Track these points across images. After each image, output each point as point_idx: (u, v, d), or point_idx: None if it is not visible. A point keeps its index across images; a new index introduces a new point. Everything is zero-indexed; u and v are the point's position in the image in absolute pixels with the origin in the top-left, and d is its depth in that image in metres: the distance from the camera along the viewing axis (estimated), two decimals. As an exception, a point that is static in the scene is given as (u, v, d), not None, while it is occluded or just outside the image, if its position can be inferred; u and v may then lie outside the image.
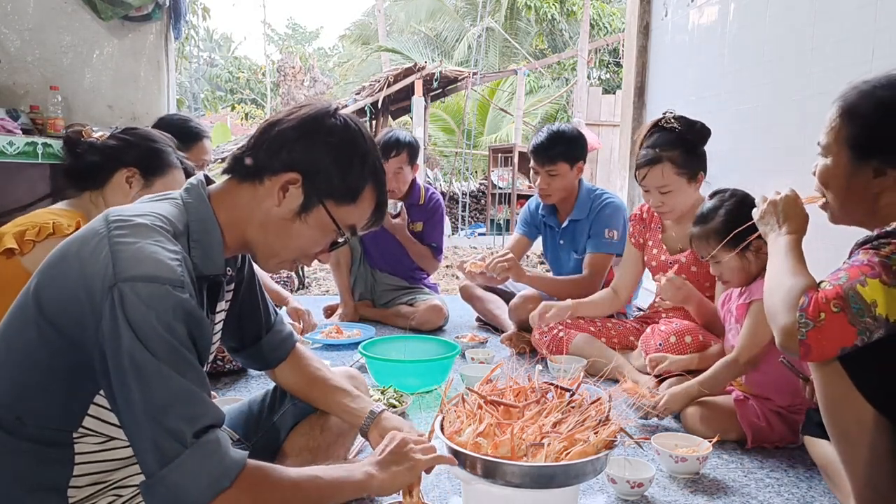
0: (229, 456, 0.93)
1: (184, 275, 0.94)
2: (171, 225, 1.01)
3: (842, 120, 1.38)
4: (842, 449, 1.35)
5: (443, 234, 3.60)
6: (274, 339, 1.40)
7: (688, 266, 2.48)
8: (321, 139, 1.08)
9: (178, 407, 0.89)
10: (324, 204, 1.10)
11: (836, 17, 2.55)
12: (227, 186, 1.12)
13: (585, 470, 1.20)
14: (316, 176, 1.08)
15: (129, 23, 3.82)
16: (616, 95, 10.84)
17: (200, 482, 0.89)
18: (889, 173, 1.33)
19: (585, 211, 3.01)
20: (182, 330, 0.91)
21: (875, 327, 1.21)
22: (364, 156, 1.12)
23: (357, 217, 1.15)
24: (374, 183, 1.14)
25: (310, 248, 1.14)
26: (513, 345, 2.94)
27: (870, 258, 1.24)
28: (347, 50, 24.26)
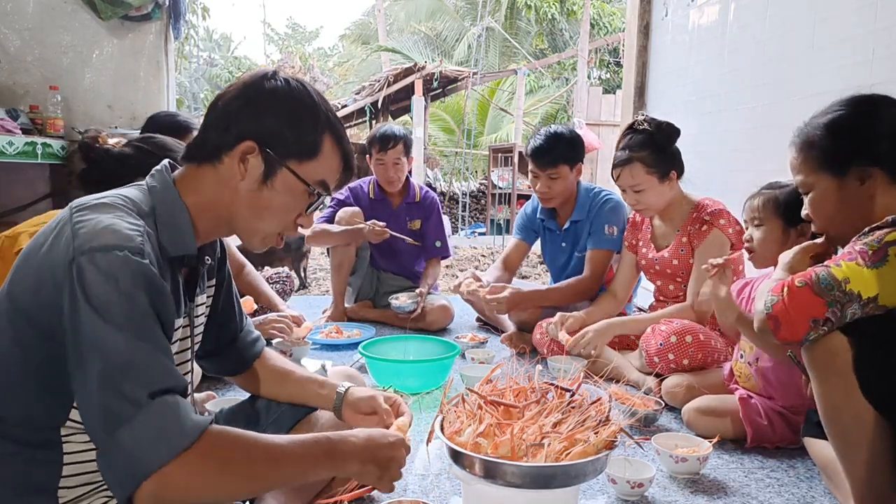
0: (190, 417, 0.88)
1: (144, 244, 0.92)
2: (134, 205, 1.00)
3: (803, 153, 1.48)
4: (840, 449, 1.36)
5: (444, 230, 3.60)
6: (247, 338, 1.39)
7: (669, 260, 2.55)
8: (266, 102, 1.07)
9: (134, 371, 0.85)
10: (286, 165, 1.07)
11: (836, 17, 2.55)
12: (187, 172, 1.10)
13: (586, 470, 1.20)
14: (270, 139, 1.06)
15: (128, 22, 3.82)
16: (616, 95, 10.84)
17: (157, 443, 0.84)
18: (873, 172, 1.38)
19: (585, 211, 3.00)
20: (143, 298, 0.89)
21: (845, 300, 1.24)
22: (313, 109, 1.10)
23: (324, 171, 1.12)
24: (331, 134, 1.11)
25: (286, 214, 1.12)
26: (513, 345, 2.94)
27: (851, 247, 1.29)
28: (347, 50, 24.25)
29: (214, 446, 0.89)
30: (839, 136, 1.43)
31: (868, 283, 1.24)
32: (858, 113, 1.44)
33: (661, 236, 2.63)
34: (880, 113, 1.43)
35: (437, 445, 1.30)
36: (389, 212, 3.43)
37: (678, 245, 2.52)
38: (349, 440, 1.05)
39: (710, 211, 2.43)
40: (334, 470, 1.07)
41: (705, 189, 2.62)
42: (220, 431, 0.92)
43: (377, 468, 1.07)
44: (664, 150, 2.45)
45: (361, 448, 1.06)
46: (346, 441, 1.05)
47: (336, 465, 1.03)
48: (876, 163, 1.39)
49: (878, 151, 1.39)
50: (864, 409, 1.27)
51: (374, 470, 1.07)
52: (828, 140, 1.44)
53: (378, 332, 3.15)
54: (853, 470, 1.33)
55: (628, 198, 2.53)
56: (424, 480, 1.67)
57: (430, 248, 3.53)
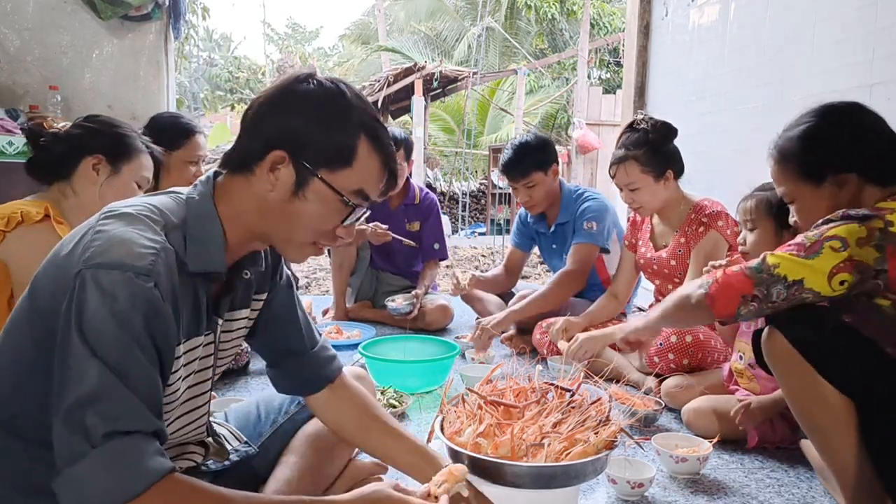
0: (145, 464, 0.83)
1: (155, 264, 0.89)
2: (162, 216, 0.97)
3: (781, 165, 1.54)
4: (816, 440, 1.39)
5: (443, 232, 3.61)
6: (313, 359, 1.30)
7: (668, 260, 2.55)
8: (296, 107, 1.00)
9: (100, 404, 0.81)
10: (317, 175, 1.00)
11: (836, 17, 2.55)
12: (224, 181, 1.06)
13: (586, 470, 1.20)
14: (301, 148, 0.99)
15: (128, 22, 3.81)
16: (616, 95, 10.85)
17: (106, 485, 0.80)
18: (849, 178, 1.44)
19: (569, 212, 3.02)
20: (139, 322, 0.86)
21: (771, 282, 1.34)
22: (346, 112, 1.01)
23: (361, 180, 1.03)
24: (368, 137, 1.02)
25: (321, 225, 1.04)
26: (513, 345, 2.94)
27: (794, 241, 1.38)
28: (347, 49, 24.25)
29: (166, 498, 0.84)
30: (812, 146, 1.49)
31: (796, 269, 1.33)
32: (828, 123, 1.49)
33: (660, 236, 2.64)
34: (848, 121, 1.49)
35: (437, 445, 1.30)
36: (388, 213, 3.43)
37: (676, 245, 2.52)
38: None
39: (709, 212, 2.43)
40: None
41: (705, 189, 2.62)
42: (177, 483, 0.86)
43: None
44: (660, 149, 2.45)
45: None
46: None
47: None
48: (850, 168, 1.44)
49: (850, 157, 1.45)
50: (830, 392, 1.31)
51: None
52: (802, 151, 1.50)
53: (378, 332, 3.15)
54: (833, 459, 1.36)
55: (625, 196, 2.54)
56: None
57: (428, 250, 3.53)
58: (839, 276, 1.30)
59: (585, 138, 10.52)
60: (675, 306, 1.56)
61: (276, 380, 1.35)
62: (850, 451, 1.31)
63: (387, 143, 1.06)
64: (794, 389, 1.38)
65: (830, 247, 1.31)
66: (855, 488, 1.33)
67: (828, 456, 1.38)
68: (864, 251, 1.29)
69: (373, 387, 1.58)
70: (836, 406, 1.31)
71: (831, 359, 1.32)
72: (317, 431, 1.40)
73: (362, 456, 1.68)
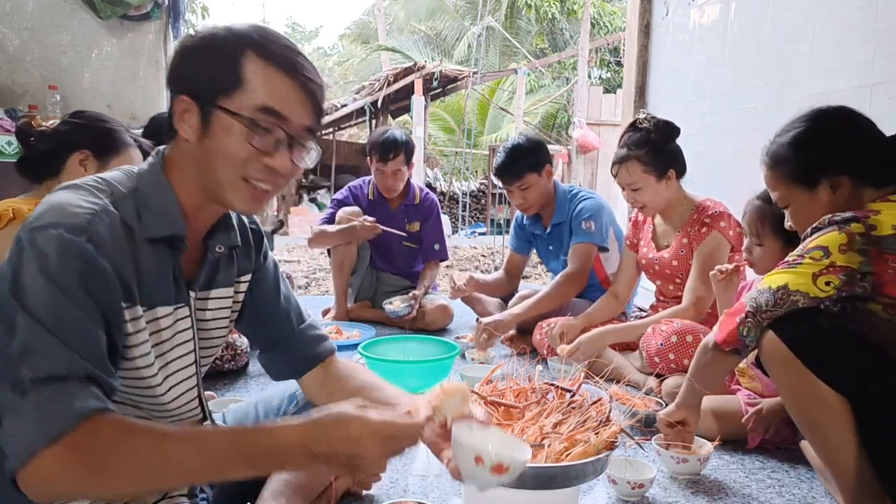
0: (72, 405, 0.81)
1: (91, 223, 0.89)
2: (108, 186, 0.98)
3: (774, 170, 1.56)
4: (814, 439, 1.40)
5: (443, 233, 3.60)
6: (301, 338, 1.29)
7: (669, 260, 2.54)
8: (184, 56, 1.02)
9: (30, 356, 0.81)
10: (214, 105, 0.97)
11: (836, 17, 2.55)
12: (166, 153, 1.07)
13: (586, 471, 1.20)
14: (193, 85, 0.99)
15: (128, 22, 3.82)
16: (616, 95, 10.85)
17: (34, 430, 0.79)
18: (842, 181, 1.46)
19: (565, 212, 3.02)
20: (70, 277, 0.85)
21: (757, 295, 1.39)
22: (224, 37, 1.00)
23: (262, 97, 0.97)
24: (255, 52, 0.98)
25: (235, 155, 0.99)
26: (513, 345, 2.94)
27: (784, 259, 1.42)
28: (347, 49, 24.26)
29: (94, 437, 0.81)
30: (804, 151, 1.50)
31: (778, 277, 1.38)
32: (818, 127, 1.51)
33: (662, 236, 2.63)
34: (838, 124, 1.50)
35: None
36: (388, 213, 3.43)
37: (678, 246, 2.51)
38: (280, 433, 0.84)
39: (711, 213, 2.42)
40: (262, 469, 0.87)
41: (706, 189, 2.61)
42: (108, 421, 0.83)
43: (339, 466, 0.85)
44: (661, 148, 2.45)
45: (298, 442, 0.83)
46: (275, 435, 0.84)
47: (260, 465, 0.85)
48: (842, 171, 1.45)
49: (841, 161, 1.46)
50: (826, 392, 1.31)
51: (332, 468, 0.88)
52: (795, 156, 1.51)
53: (378, 332, 3.15)
54: (832, 459, 1.36)
55: (627, 196, 2.53)
56: (424, 480, 1.67)
57: (428, 251, 3.53)
58: (823, 277, 1.32)
59: (586, 138, 10.53)
60: (695, 363, 1.59)
61: (269, 365, 1.34)
62: (849, 450, 1.31)
63: (286, 56, 1.00)
64: (790, 389, 1.38)
65: (811, 257, 1.35)
66: (854, 488, 1.32)
67: (826, 456, 1.38)
68: (848, 256, 1.31)
69: None
70: (833, 405, 1.31)
71: (826, 359, 1.32)
72: None
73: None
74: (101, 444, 0.81)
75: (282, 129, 1.00)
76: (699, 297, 2.38)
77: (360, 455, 0.83)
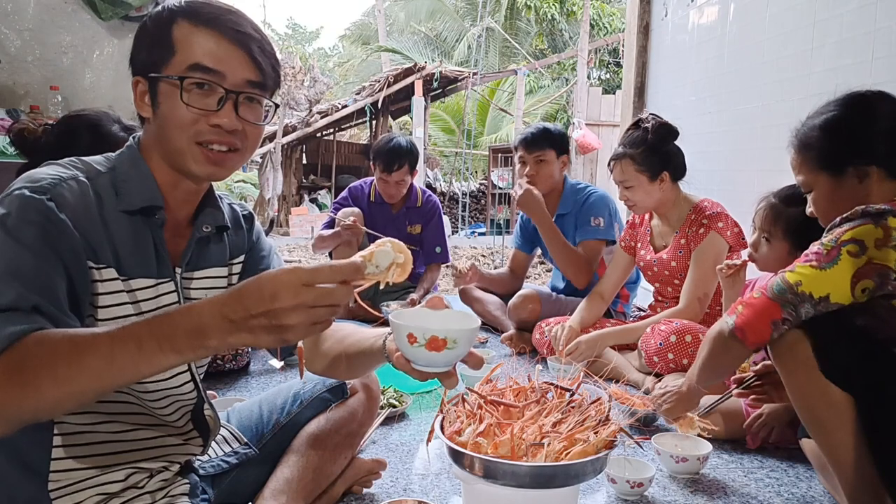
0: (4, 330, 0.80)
1: (55, 186, 0.92)
2: (83, 164, 1.02)
3: (801, 154, 1.51)
4: (819, 437, 1.39)
5: (445, 235, 3.61)
6: None
7: (668, 261, 2.55)
8: (133, 41, 1.06)
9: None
10: (156, 76, 1.01)
11: (835, 18, 2.55)
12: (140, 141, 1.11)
13: (585, 470, 1.20)
14: (140, 64, 1.04)
15: (129, 23, 3.81)
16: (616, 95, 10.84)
17: None
18: (870, 171, 1.41)
19: (570, 205, 3.06)
20: (29, 229, 0.88)
21: (798, 301, 1.32)
22: (157, 12, 1.03)
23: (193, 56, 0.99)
24: (184, 19, 1.00)
25: (182, 119, 1.00)
26: (513, 345, 2.94)
27: (810, 249, 1.35)
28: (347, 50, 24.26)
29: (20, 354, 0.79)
30: (834, 136, 1.44)
31: (819, 284, 1.30)
32: (852, 113, 1.45)
33: (659, 237, 2.63)
34: (874, 111, 1.44)
35: (437, 445, 1.30)
36: (389, 216, 3.43)
37: (676, 247, 2.51)
38: (196, 307, 0.77)
39: (709, 214, 2.43)
40: (188, 352, 0.77)
41: (705, 189, 2.62)
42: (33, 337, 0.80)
43: (261, 331, 0.75)
44: (657, 150, 2.45)
45: (215, 312, 0.75)
46: (191, 310, 0.76)
47: (184, 347, 0.76)
48: (872, 161, 1.40)
49: (873, 150, 1.41)
50: (833, 388, 1.31)
51: (255, 337, 0.76)
52: (824, 141, 1.46)
53: (378, 332, 3.15)
54: (834, 455, 1.36)
55: (619, 193, 2.55)
56: (424, 480, 1.68)
57: (430, 254, 3.52)
58: (861, 283, 1.27)
59: (585, 138, 10.53)
60: (709, 350, 1.52)
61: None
62: (852, 447, 1.31)
63: (212, 13, 1.01)
64: (797, 384, 1.38)
65: (848, 251, 1.28)
66: (855, 485, 1.33)
67: (828, 452, 1.37)
68: (883, 253, 1.26)
69: (377, 384, 1.58)
70: (839, 402, 1.31)
71: (833, 356, 1.32)
72: (319, 431, 1.40)
73: (363, 454, 1.69)
74: (27, 355, 0.79)
75: (218, 85, 1.00)
76: (697, 298, 2.38)
77: (276, 311, 0.73)
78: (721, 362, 1.53)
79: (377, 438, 1.93)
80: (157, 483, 1.08)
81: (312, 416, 1.41)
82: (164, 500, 1.07)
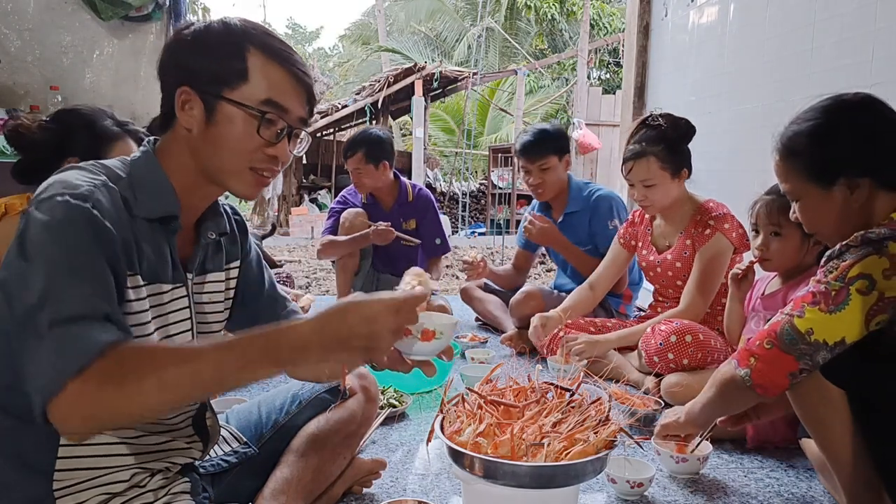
0: (90, 338, 0.84)
1: (93, 192, 0.93)
2: (105, 169, 1.02)
3: (787, 162, 1.43)
4: (818, 434, 1.38)
5: (442, 227, 3.60)
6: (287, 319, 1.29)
7: (673, 262, 2.53)
8: (183, 48, 1.06)
9: (45, 303, 0.84)
10: (220, 95, 1.02)
11: (835, 18, 2.55)
12: (159, 145, 1.11)
13: (585, 470, 1.20)
14: (197, 77, 1.03)
15: (128, 23, 3.82)
16: (616, 95, 10.84)
17: (55, 368, 0.82)
18: (861, 182, 1.34)
19: (580, 202, 3.07)
20: (77, 234, 0.89)
21: (813, 351, 1.26)
22: (227, 32, 1.04)
23: (266, 90, 1.03)
24: (257, 48, 1.03)
25: (243, 145, 1.04)
26: (513, 345, 2.94)
27: (815, 286, 1.29)
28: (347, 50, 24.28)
29: (116, 361, 0.83)
30: (824, 147, 1.37)
31: (832, 329, 1.25)
32: (840, 121, 1.37)
33: (662, 237, 2.62)
34: (861, 119, 1.37)
35: (437, 445, 1.30)
36: (383, 215, 3.42)
37: (681, 247, 2.50)
38: (301, 328, 0.86)
39: (714, 215, 2.42)
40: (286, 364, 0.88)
41: (705, 189, 2.62)
42: (127, 346, 0.86)
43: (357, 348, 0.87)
44: (678, 146, 2.44)
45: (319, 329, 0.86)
46: (296, 330, 0.86)
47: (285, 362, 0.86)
48: (864, 172, 1.34)
49: (865, 161, 1.34)
50: (831, 389, 1.30)
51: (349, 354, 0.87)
52: (812, 152, 1.38)
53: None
54: (833, 454, 1.36)
55: (637, 193, 2.50)
56: (424, 480, 1.68)
57: (430, 247, 3.52)
58: (876, 318, 1.23)
59: (585, 139, 10.53)
60: (720, 394, 1.45)
61: None
62: (850, 445, 1.31)
63: (284, 51, 1.06)
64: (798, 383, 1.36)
65: (857, 290, 1.22)
66: (854, 483, 1.33)
67: (827, 450, 1.37)
68: (893, 283, 1.21)
69: (375, 385, 1.58)
70: (837, 400, 1.31)
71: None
72: (318, 431, 1.40)
73: (363, 454, 1.69)
74: (125, 362, 0.84)
75: (283, 121, 1.06)
76: (698, 299, 2.38)
77: (377, 331, 0.86)
78: (733, 407, 1.51)
79: (377, 438, 1.93)
80: (158, 481, 1.08)
81: (311, 417, 1.41)
82: (166, 497, 1.07)
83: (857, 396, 1.30)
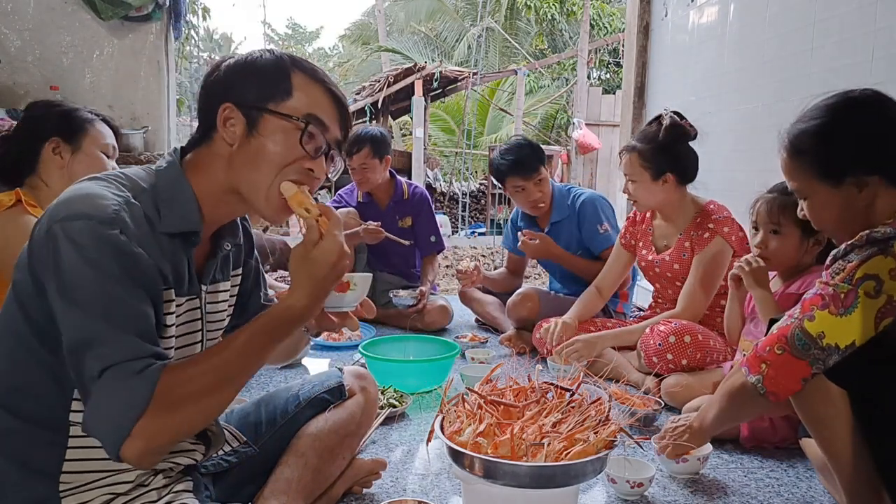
0: (138, 383, 0.88)
1: (119, 214, 0.93)
2: (129, 181, 1.02)
3: (794, 160, 1.42)
4: (818, 433, 1.37)
5: (437, 224, 3.59)
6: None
7: (671, 263, 2.53)
8: (228, 70, 1.08)
9: (91, 348, 0.88)
10: (265, 108, 1.05)
11: (835, 17, 2.55)
12: (191, 158, 1.11)
13: (585, 470, 1.20)
14: (242, 93, 1.05)
15: (128, 23, 3.82)
16: (616, 95, 10.85)
17: (117, 411, 0.87)
18: (869, 181, 1.33)
19: (564, 209, 3.06)
20: (113, 266, 0.90)
21: (825, 356, 1.25)
22: (273, 58, 1.09)
23: (308, 105, 1.06)
24: (301, 71, 1.08)
25: (283, 157, 1.05)
26: (513, 345, 2.94)
27: (823, 288, 1.27)
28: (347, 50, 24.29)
29: (168, 395, 0.89)
30: (832, 145, 1.36)
31: (842, 332, 1.24)
32: (848, 119, 1.36)
33: (661, 237, 2.61)
34: (870, 116, 1.36)
35: (437, 445, 1.30)
36: (378, 213, 3.42)
37: (680, 249, 2.50)
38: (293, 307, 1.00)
39: (715, 218, 2.41)
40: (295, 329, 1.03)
41: (705, 189, 2.62)
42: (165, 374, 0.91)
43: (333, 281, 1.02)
44: (666, 149, 2.42)
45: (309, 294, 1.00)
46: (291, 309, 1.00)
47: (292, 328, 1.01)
48: (873, 170, 1.32)
49: (874, 159, 1.33)
50: (831, 388, 1.29)
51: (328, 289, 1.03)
52: (820, 150, 1.37)
53: (378, 332, 3.15)
54: (833, 452, 1.35)
55: (624, 186, 2.53)
56: (424, 480, 1.68)
57: (425, 245, 3.52)
58: (883, 321, 1.22)
59: (585, 139, 10.54)
60: (733, 402, 1.44)
61: None
62: (850, 444, 1.31)
63: (325, 76, 1.11)
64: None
65: (865, 293, 1.21)
66: (854, 483, 1.33)
67: (828, 450, 1.36)
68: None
69: (374, 386, 1.59)
70: (837, 399, 1.30)
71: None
72: (318, 432, 1.40)
73: (363, 454, 1.69)
74: (174, 389, 0.90)
75: (323, 137, 1.09)
76: (697, 300, 2.38)
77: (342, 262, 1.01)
78: (745, 415, 1.52)
79: (377, 438, 1.93)
80: (161, 480, 1.09)
81: (311, 417, 1.42)
82: (169, 496, 1.08)
83: (858, 396, 1.30)
